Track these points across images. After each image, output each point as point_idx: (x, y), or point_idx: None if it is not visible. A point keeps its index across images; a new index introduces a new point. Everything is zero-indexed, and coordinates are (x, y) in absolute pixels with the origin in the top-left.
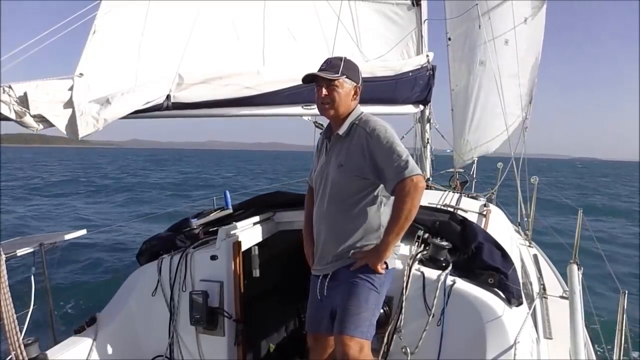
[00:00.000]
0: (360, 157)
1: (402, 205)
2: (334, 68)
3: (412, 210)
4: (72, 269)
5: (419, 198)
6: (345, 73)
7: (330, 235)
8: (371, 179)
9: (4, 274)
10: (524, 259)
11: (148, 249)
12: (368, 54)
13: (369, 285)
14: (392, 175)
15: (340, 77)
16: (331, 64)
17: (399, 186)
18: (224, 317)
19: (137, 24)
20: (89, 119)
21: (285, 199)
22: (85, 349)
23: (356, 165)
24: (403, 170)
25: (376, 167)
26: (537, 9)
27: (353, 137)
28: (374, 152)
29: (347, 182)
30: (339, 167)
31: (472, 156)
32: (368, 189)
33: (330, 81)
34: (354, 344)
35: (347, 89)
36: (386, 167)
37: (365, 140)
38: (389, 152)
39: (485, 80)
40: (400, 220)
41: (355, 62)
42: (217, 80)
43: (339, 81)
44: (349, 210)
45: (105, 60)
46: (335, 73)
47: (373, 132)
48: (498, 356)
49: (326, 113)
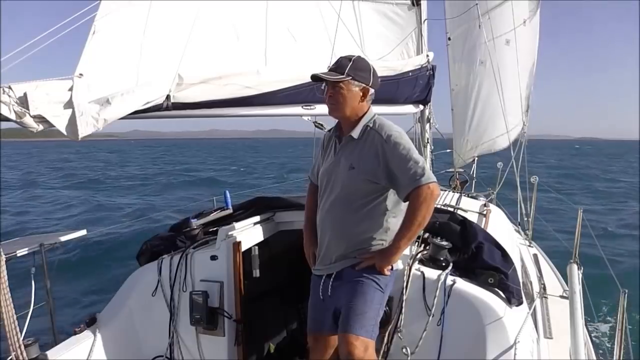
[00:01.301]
0: (374, 162)
1: (416, 212)
2: (340, 68)
3: (427, 216)
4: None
5: (433, 206)
6: (352, 74)
7: (335, 235)
8: (382, 183)
9: (4, 274)
10: (524, 259)
11: (148, 249)
12: (368, 54)
13: (375, 285)
14: (407, 182)
15: (345, 79)
16: (340, 63)
17: (415, 193)
18: (224, 317)
19: (137, 24)
20: (89, 119)
21: (285, 203)
22: (85, 349)
23: (369, 169)
24: (420, 177)
25: (390, 173)
26: (533, 12)
27: (366, 140)
28: (390, 158)
29: (358, 185)
30: (350, 169)
31: (472, 156)
32: (377, 193)
33: (336, 82)
34: (359, 343)
35: (354, 91)
36: (401, 173)
37: (380, 145)
38: (405, 158)
39: (485, 80)
40: (413, 227)
41: (368, 63)
42: (217, 80)
43: (344, 83)
44: (357, 212)
45: (105, 60)
46: (341, 74)
47: (389, 138)
48: (498, 356)
49: (332, 114)
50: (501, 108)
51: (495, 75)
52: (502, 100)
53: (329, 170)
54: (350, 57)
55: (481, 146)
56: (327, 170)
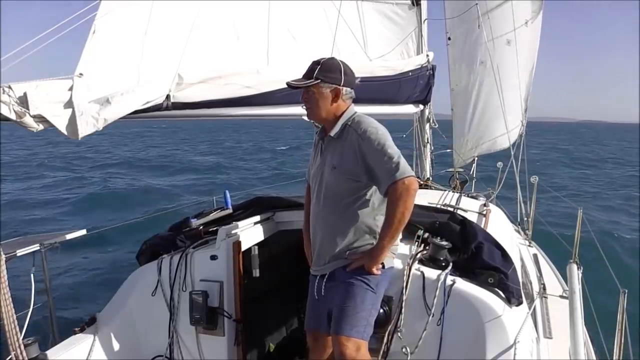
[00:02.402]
0: (352, 160)
1: (394, 208)
2: (309, 73)
3: (405, 212)
4: (72, 269)
5: (411, 200)
6: (321, 77)
7: (326, 235)
8: (364, 181)
9: (4, 274)
10: (524, 259)
11: (148, 248)
12: (368, 54)
13: (365, 286)
14: (383, 177)
15: (313, 82)
16: (309, 68)
17: (391, 189)
18: (224, 317)
19: (138, 23)
20: (89, 119)
21: (285, 203)
22: (85, 349)
23: (349, 168)
24: (394, 172)
25: (368, 169)
26: (535, 13)
27: (346, 138)
28: (366, 154)
29: (341, 184)
30: (333, 169)
31: (472, 155)
32: (362, 191)
33: (307, 87)
34: (350, 344)
35: (324, 93)
36: (378, 169)
37: (357, 142)
38: (380, 154)
39: (485, 80)
40: (393, 224)
41: (338, 62)
42: (217, 80)
43: (315, 86)
44: (344, 212)
45: (105, 60)
46: (309, 78)
47: (364, 133)
48: (498, 356)
49: (309, 118)
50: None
51: (495, 75)
52: (502, 100)
53: (316, 171)
54: (319, 60)
55: (481, 146)
56: (315, 172)
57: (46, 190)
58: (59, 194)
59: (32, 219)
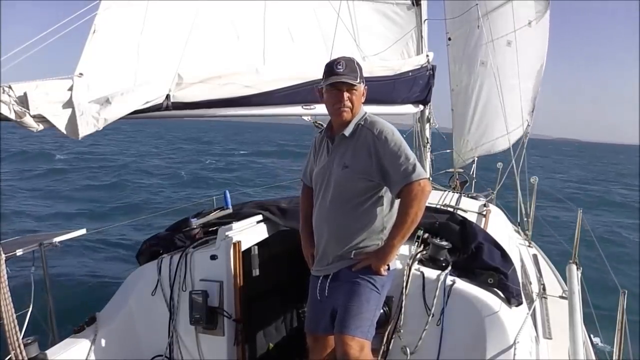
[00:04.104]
0: (366, 159)
1: (408, 209)
2: (354, 73)
3: (418, 213)
4: (72, 269)
5: (424, 202)
6: (362, 78)
7: (332, 236)
8: (376, 180)
9: (4, 274)
10: (523, 259)
11: (148, 248)
12: (368, 54)
13: (371, 286)
14: (398, 178)
15: (362, 84)
16: (350, 68)
17: (406, 190)
18: (224, 317)
19: (137, 23)
20: (89, 119)
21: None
22: (84, 348)
23: (362, 167)
24: (410, 174)
25: (383, 169)
26: (540, 13)
27: (359, 138)
28: (381, 155)
29: (352, 183)
30: (344, 168)
31: (472, 156)
32: (373, 191)
33: (352, 86)
34: (354, 343)
35: (361, 93)
36: (393, 170)
37: (372, 142)
38: (396, 155)
39: (486, 81)
40: (406, 224)
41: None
42: (217, 80)
43: (358, 86)
44: (353, 211)
45: (105, 60)
46: (355, 78)
47: (380, 134)
48: (497, 356)
49: (343, 116)
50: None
51: (495, 76)
52: (502, 101)
53: (323, 170)
54: (353, 59)
55: (481, 147)
56: (321, 171)
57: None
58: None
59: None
